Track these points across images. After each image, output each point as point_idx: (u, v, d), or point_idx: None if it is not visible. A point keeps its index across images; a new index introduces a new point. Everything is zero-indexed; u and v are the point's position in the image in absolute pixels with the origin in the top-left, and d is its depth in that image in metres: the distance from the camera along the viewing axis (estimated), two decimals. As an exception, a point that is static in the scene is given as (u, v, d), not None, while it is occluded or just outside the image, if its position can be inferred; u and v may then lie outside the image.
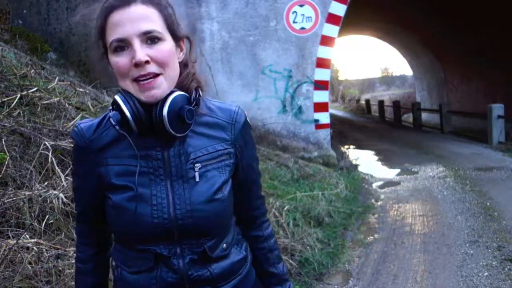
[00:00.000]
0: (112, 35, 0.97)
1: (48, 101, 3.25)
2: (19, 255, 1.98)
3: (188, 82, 1.06)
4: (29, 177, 2.48)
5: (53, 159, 2.64)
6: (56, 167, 2.64)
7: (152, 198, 1.02)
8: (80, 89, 4.01)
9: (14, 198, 2.27)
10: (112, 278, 1.16)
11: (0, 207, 2.19)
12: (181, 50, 1.08)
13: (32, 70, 3.69)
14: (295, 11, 7.00)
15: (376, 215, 5.01)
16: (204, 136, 1.08)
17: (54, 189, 2.48)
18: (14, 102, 2.96)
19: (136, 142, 1.02)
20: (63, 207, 2.42)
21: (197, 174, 1.04)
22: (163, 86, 0.99)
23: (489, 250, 3.74)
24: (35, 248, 2.07)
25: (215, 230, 1.08)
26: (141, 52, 0.95)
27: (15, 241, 2.00)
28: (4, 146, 2.49)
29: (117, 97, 1.00)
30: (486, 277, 3.25)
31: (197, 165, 1.05)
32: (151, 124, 1.00)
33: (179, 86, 1.05)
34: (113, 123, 0.99)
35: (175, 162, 1.04)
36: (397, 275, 3.37)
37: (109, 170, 1.05)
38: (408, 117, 17.46)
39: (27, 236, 2.15)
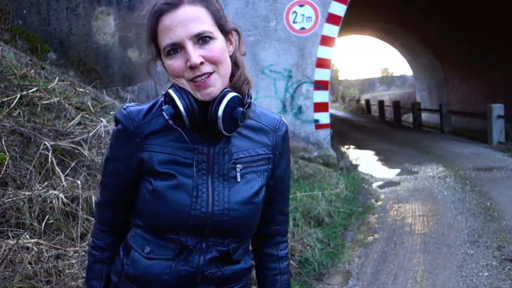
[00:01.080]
0: (165, 40, 0.99)
1: (48, 101, 3.25)
2: (19, 255, 1.98)
3: (240, 83, 1.07)
4: (29, 177, 2.48)
5: (53, 159, 2.64)
6: (56, 167, 2.64)
7: (193, 190, 1.03)
8: (80, 89, 4.01)
9: (14, 198, 2.26)
10: (118, 261, 1.14)
11: (0, 207, 2.19)
12: (231, 43, 1.08)
13: (32, 70, 3.69)
14: (295, 11, 7.00)
15: (376, 215, 5.01)
16: (247, 138, 1.10)
17: (54, 189, 2.48)
18: (14, 102, 2.96)
19: (184, 133, 1.03)
20: (63, 207, 2.42)
21: (238, 174, 1.07)
22: (217, 83, 1.00)
23: (489, 250, 3.74)
24: (35, 248, 2.07)
25: (243, 233, 1.10)
26: (195, 54, 0.97)
27: (15, 241, 2.00)
28: (4, 146, 2.48)
29: (171, 92, 1.01)
30: (486, 277, 3.25)
31: (238, 165, 1.07)
32: (204, 120, 1.01)
33: (233, 87, 1.06)
34: (166, 117, 1.00)
35: (218, 159, 1.06)
36: (397, 275, 3.37)
37: (153, 156, 1.05)
38: (408, 117, 17.46)
39: (27, 236, 2.15)
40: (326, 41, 7.10)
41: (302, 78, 7.12)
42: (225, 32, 1.04)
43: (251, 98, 1.09)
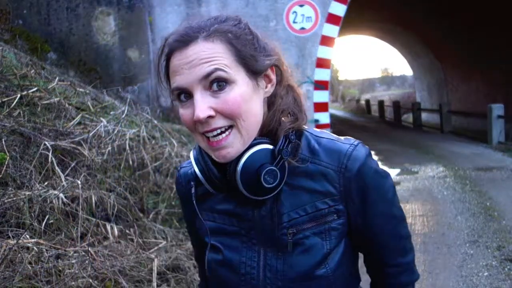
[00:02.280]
0: (173, 82, 0.81)
1: (48, 101, 3.25)
2: (19, 255, 1.98)
3: (275, 126, 0.83)
4: (29, 177, 2.48)
5: (53, 159, 2.64)
6: (56, 167, 2.64)
7: (241, 266, 0.86)
8: (80, 89, 4.01)
9: (14, 198, 2.27)
10: None
11: (0, 207, 2.19)
12: (269, 81, 0.85)
13: (32, 70, 3.69)
14: (295, 11, 7.00)
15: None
16: (303, 190, 0.84)
17: (54, 189, 2.48)
18: (14, 102, 2.96)
19: (228, 195, 0.87)
20: (63, 207, 2.42)
21: (291, 242, 0.82)
22: (236, 143, 0.79)
23: (489, 250, 3.74)
24: (35, 248, 2.07)
25: None
26: (201, 106, 0.76)
27: (15, 241, 2.00)
28: (4, 146, 2.49)
29: (191, 153, 0.88)
30: (486, 277, 3.25)
31: (290, 230, 0.83)
32: (228, 184, 0.83)
33: (266, 132, 0.84)
34: (203, 182, 0.85)
35: (266, 224, 0.84)
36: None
37: (203, 226, 0.91)
38: (408, 117, 17.47)
39: (27, 236, 2.15)
40: (326, 41, 7.10)
41: (302, 78, 7.12)
42: (256, 72, 0.81)
43: (291, 142, 0.83)
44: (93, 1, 6.33)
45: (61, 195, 2.42)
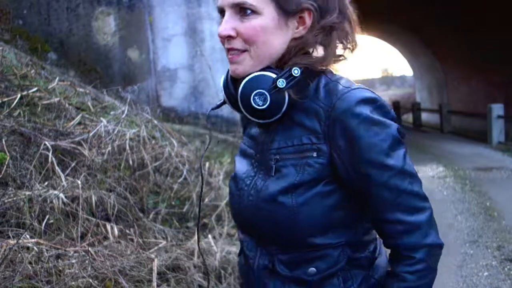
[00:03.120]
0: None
1: (48, 101, 3.26)
2: (19, 255, 1.98)
3: (287, 58, 0.89)
4: (29, 177, 2.49)
5: (53, 159, 2.65)
6: (56, 167, 2.64)
7: (240, 182, 0.98)
8: (80, 89, 4.01)
9: (14, 198, 2.27)
10: None
11: (0, 207, 2.19)
12: (302, 23, 0.88)
13: (33, 70, 3.69)
14: (295, 11, 7.00)
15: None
16: (298, 125, 0.89)
17: (54, 189, 2.48)
18: (15, 102, 2.96)
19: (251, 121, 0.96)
20: (63, 207, 2.42)
21: (273, 167, 0.90)
22: (245, 63, 0.88)
23: (489, 250, 3.74)
24: (35, 248, 2.07)
25: (280, 240, 0.90)
26: (225, 25, 0.87)
27: (15, 241, 2.00)
28: (4, 146, 2.49)
29: (222, 77, 1.00)
30: (486, 277, 3.26)
31: (276, 156, 0.90)
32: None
33: (281, 64, 0.90)
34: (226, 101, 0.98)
35: (263, 149, 0.95)
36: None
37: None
38: (408, 117, 17.47)
39: (27, 236, 2.15)
40: (326, 41, 7.10)
41: (302, 78, 7.12)
42: (286, 11, 0.86)
43: (294, 76, 0.86)
44: (93, 1, 6.33)
45: (61, 195, 2.43)
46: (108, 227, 2.54)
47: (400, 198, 0.85)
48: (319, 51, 0.91)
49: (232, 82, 0.94)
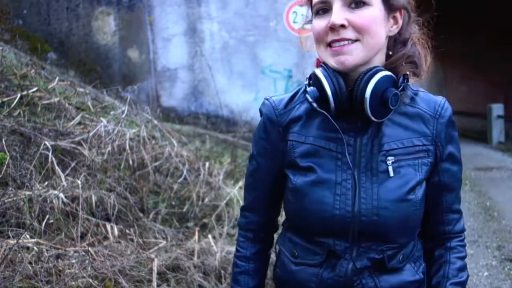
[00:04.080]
0: None
1: (48, 101, 3.26)
2: (19, 255, 1.98)
3: (399, 64, 0.94)
4: (29, 177, 2.49)
5: (53, 159, 2.65)
6: (56, 167, 2.64)
7: (337, 187, 0.92)
8: (80, 89, 4.01)
9: (14, 198, 2.27)
10: (275, 262, 1.09)
11: (0, 207, 2.19)
12: (395, 23, 0.95)
13: (32, 70, 3.69)
14: (295, 11, 7.00)
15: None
16: (401, 127, 0.95)
17: (54, 189, 2.48)
18: (15, 102, 2.96)
19: (328, 121, 0.92)
20: (63, 207, 2.42)
21: (390, 168, 0.92)
22: (356, 52, 0.88)
23: (489, 250, 3.74)
24: (35, 248, 2.07)
25: (399, 236, 0.95)
26: (339, 15, 0.86)
27: (15, 241, 2.00)
28: (4, 146, 2.49)
29: (318, 72, 0.92)
30: (486, 277, 3.26)
31: (390, 158, 0.92)
32: (350, 104, 0.90)
33: (388, 67, 0.93)
34: (310, 99, 0.91)
35: (366, 151, 0.93)
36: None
37: (294, 147, 0.97)
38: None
39: (27, 236, 2.15)
40: (326, 41, 7.11)
41: (302, 78, 7.12)
42: (390, 6, 0.91)
43: (407, 81, 0.95)
44: (93, 1, 6.33)
45: (61, 195, 2.43)
46: (108, 227, 2.54)
47: (460, 189, 1.05)
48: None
49: (345, 86, 0.90)
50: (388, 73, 0.90)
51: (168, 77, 6.59)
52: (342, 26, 0.87)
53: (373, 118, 0.89)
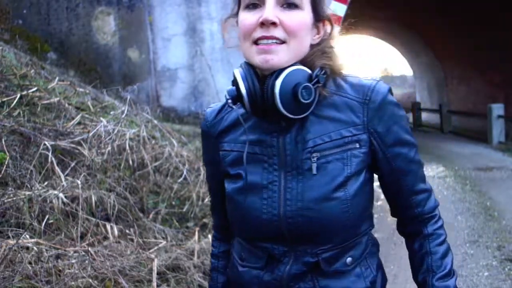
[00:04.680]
0: None
1: (48, 101, 3.25)
2: (19, 255, 1.98)
3: (314, 58, 0.91)
4: (29, 177, 2.48)
5: (53, 159, 2.64)
6: (56, 167, 2.64)
7: (263, 191, 0.90)
8: (80, 89, 4.01)
9: (14, 198, 2.27)
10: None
11: (0, 207, 2.19)
12: (318, 32, 0.94)
13: (32, 70, 3.69)
14: (295, 11, 7.00)
15: (375, 215, 5.00)
16: (328, 120, 0.90)
17: (54, 189, 2.48)
18: (14, 102, 2.96)
19: (253, 126, 0.92)
20: (63, 207, 2.42)
21: (314, 165, 0.88)
22: (282, 55, 0.86)
23: (489, 250, 3.74)
24: (35, 248, 2.07)
25: (332, 236, 0.90)
26: (272, 11, 0.84)
27: (15, 241, 2.00)
28: (4, 146, 2.49)
29: (236, 71, 0.90)
30: (486, 277, 3.25)
31: (315, 154, 0.88)
32: (264, 103, 0.87)
33: (303, 62, 0.90)
34: (227, 96, 0.89)
35: (291, 150, 0.89)
36: (396, 275, 3.37)
37: (225, 156, 0.97)
38: (408, 117, 17.45)
39: (27, 236, 2.15)
40: (326, 41, 7.10)
41: (302, 78, 7.12)
42: (317, 14, 0.91)
43: (326, 73, 0.90)
44: (93, 1, 6.32)
45: (61, 195, 2.42)
46: (108, 227, 2.54)
47: (420, 169, 0.99)
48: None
49: (259, 84, 0.88)
50: (299, 67, 0.88)
51: (168, 77, 6.59)
52: (274, 24, 0.84)
53: (289, 115, 0.86)
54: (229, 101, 0.89)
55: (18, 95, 3.02)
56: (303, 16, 0.88)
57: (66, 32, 6.32)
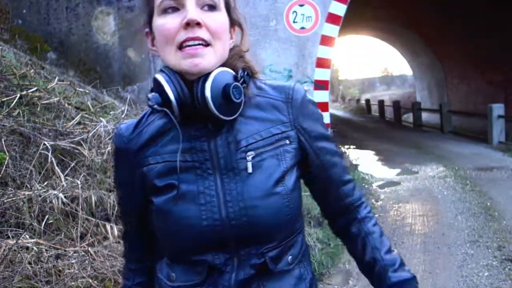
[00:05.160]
0: None
1: (47, 101, 3.25)
2: (19, 255, 1.98)
3: (233, 61, 0.92)
4: (29, 177, 2.48)
5: (53, 159, 2.64)
6: (56, 167, 2.63)
7: (200, 196, 0.87)
8: (80, 89, 4.00)
9: (14, 198, 2.26)
10: None
11: (0, 207, 2.18)
12: (231, 37, 0.94)
13: (32, 70, 3.68)
14: (295, 11, 7.00)
15: (376, 215, 4.97)
16: (255, 119, 0.92)
17: (54, 189, 2.47)
18: (14, 102, 2.95)
19: (176, 134, 0.88)
20: (62, 207, 2.42)
21: (249, 164, 0.88)
22: (209, 57, 0.85)
23: (490, 250, 3.74)
24: (35, 248, 2.06)
25: (276, 233, 0.90)
26: (196, 12, 0.83)
27: (15, 241, 1.99)
28: (4, 146, 2.48)
29: (159, 76, 0.86)
30: (487, 277, 3.25)
31: (249, 153, 0.88)
32: (194, 108, 0.85)
33: (225, 66, 0.90)
34: (151, 103, 0.84)
35: (224, 152, 0.88)
36: (397, 275, 3.37)
37: (150, 170, 0.91)
38: (408, 117, 17.46)
39: (27, 236, 2.15)
40: (326, 40, 7.10)
41: (302, 78, 7.12)
42: (231, 17, 0.91)
43: (249, 75, 0.92)
44: (93, 1, 6.32)
45: (61, 195, 2.42)
46: (108, 227, 2.53)
47: (343, 161, 1.04)
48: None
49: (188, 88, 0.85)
50: (224, 69, 0.88)
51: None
52: (198, 24, 0.83)
53: (221, 116, 0.85)
54: (156, 106, 0.85)
55: (18, 95, 3.02)
56: (224, 17, 0.88)
57: (66, 32, 6.32)
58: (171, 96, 0.84)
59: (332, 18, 7.07)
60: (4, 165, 2.39)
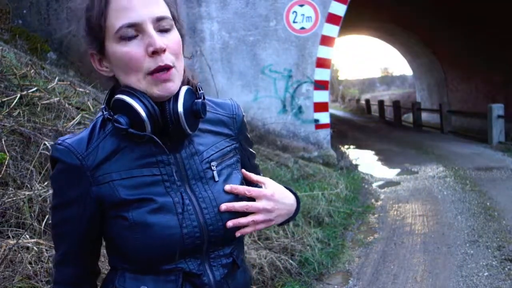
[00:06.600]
0: (120, 20, 0.83)
1: (48, 101, 3.25)
2: (19, 255, 1.98)
3: (186, 77, 0.96)
4: (29, 177, 2.48)
5: (53, 159, 2.64)
6: (56, 167, 2.63)
7: (177, 206, 0.90)
8: (80, 89, 4.01)
9: (14, 198, 2.27)
10: None
11: (0, 207, 2.19)
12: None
13: (32, 70, 3.69)
14: (295, 11, 7.00)
15: (376, 215, 5.01)
16: (209, 133, 1.00)
17: (54, 189, 2.47)
18: (14, 102, 2.96)
19: (141, 149, 0.90)
20: (63, 207, 2.42)
21: (215, 173, 0.96)
22: (176, 79, 0.89)
23: (489, 250, 3.74)
24: (35, 248, 2.07)
25: (235, 231, 0.97)
26: (159, 38, 0.84)
27: (15, 241, 2.00)
28: (4, 146, 2.49)
29: (125, 97, 0.86)
30: (486, 277, 3.25)
31: (213, 163, 0.97)
32: (163, 125, 0.89)
33: (182, 83, 0.95)
34: (124, 126, 0.85)
35: (189, 163, 0.94)
36: (397, 275, 3.37)
37: (115, 186, 0.89)
38: (408, 117, 17.48)
39: (27, 236, 2.15)
40: (326, 41, 7.10)
41: (302, 78, 7.12)
42: (180, 33, 0.93)
43: (201, 90, 0.97)
44: None
45: (61, 195, 2.42)
46: (108, 227, 2.53)
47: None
48: None
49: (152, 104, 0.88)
50: (187, 87, 0.92)
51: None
52: (164, 51, 0.85)
53: (189, 132, 0.91)
54: (130, 130, 0.86)
55: (18, 95, 3.02)
56: (178, 36, 0.90)
57: (66, 32, 6.32)
58: (143, 115, 0.85)
59: (332, 18, 7.07)
60: (5, 165, 2.40)
